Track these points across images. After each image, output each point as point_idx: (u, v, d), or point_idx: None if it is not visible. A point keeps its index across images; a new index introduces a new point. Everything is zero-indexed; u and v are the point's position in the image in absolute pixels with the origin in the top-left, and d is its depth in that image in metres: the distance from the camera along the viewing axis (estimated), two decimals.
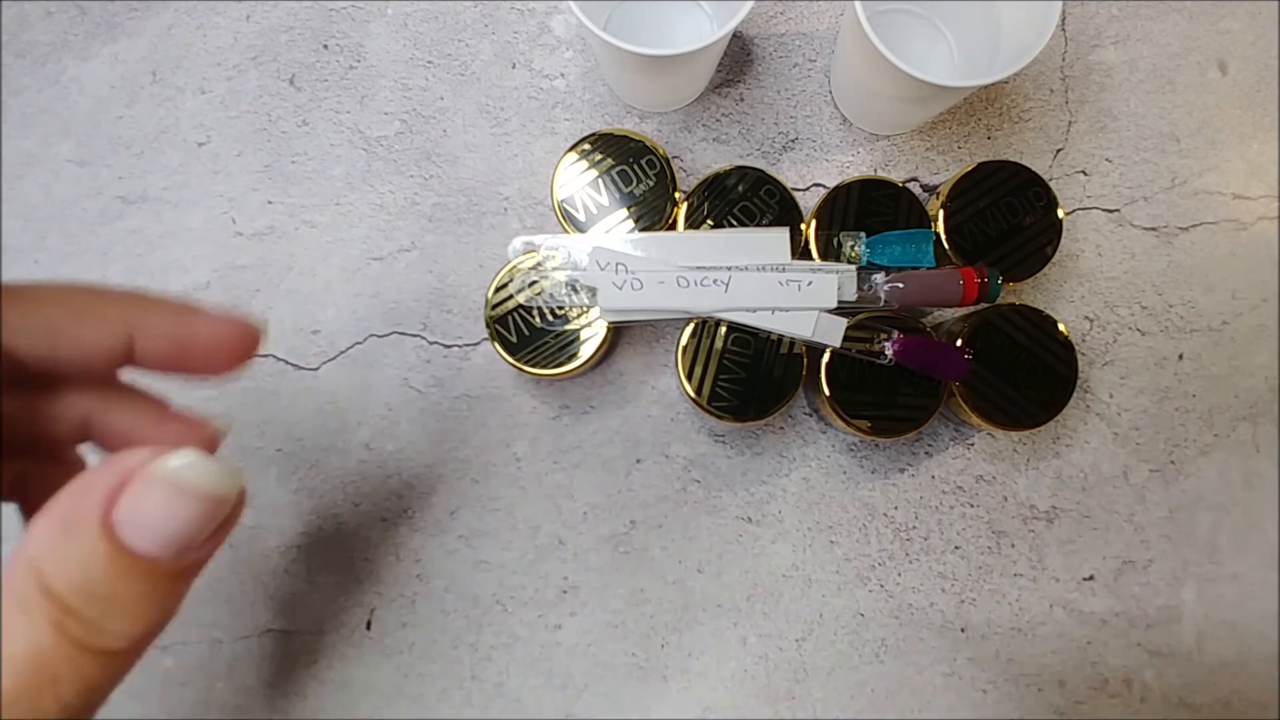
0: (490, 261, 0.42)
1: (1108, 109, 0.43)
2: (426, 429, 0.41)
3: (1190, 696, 0.40)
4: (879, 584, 0.40)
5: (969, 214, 0.38)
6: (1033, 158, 0.43)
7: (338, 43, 0.44)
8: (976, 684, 0.40)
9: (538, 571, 0.40)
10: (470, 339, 0.41)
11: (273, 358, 0.41)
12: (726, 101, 0.43)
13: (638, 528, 0.40)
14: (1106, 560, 0.41)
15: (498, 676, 0.40)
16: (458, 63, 0.43)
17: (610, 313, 0.37)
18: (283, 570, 0.40)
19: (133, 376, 0.24)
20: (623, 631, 0.40)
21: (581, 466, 0.41)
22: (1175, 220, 0.43)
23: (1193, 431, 0.42)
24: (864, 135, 0.43)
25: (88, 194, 0.43)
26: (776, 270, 0.36)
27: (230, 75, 0.43)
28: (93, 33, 0.44)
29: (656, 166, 0.38)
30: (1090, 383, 0.42)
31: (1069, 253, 0.42)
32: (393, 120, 0.43)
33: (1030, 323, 0.37)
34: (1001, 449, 0.41)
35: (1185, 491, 0.41)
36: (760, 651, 0.40)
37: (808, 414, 0.41)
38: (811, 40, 0.43)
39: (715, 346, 0.37)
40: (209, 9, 0.44)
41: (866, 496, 0.41)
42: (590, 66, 0.43)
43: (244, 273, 0.42)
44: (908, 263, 0.37)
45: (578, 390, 0.41)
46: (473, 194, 0.42)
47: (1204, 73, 0.44)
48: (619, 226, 0.38)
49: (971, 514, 0.41)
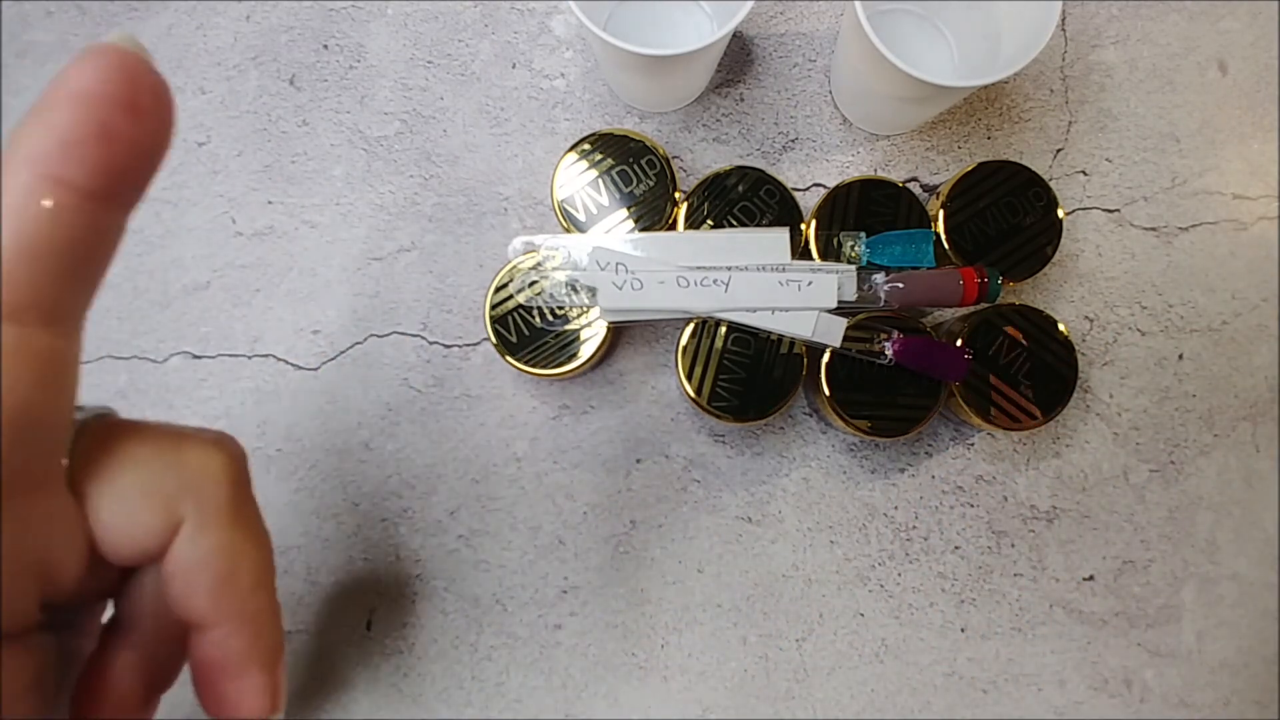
0: (490, 261, 0.42)
1: (1108, 109, 0.43)
2: (426, 429, 0.41)
3: (1190, 696, 0.40)
4: (879, 584, 0.40)
5: (969, 214, 0.38)
6: (1033, 158, 0.43)
7: (338, 43, 0.44)
8: (976, 684, 0.40)
9: (538, 571, 0.40)
10: (470, 339, 0.41)
11: (273, 358, 0.41)
12: (726, 101, 0.43)
13: (638, 528, 0.40)
14: (1106, 560, 0.41)
15: (498, 676, 0.40)
16: (458, 63, 0.43)
17: (610, 313, 0.37)
18: (282, 570, 0.40)
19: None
20: (623, 631, 0.40)
21: (581, 466, 0.41)
22: (1175, 220, 0.43)
23: (1193, 431, 0.42)
24: (864, 135, 0.43)
25: None
26: (776, 270, 0.36)
27: (230, 75, 0.43)
28: (93, 33, 0.44)
29: (656, 166, 0.38)
30: (1090, 383, 0.42)
31: (1069, 253, 0.42)
32: (393, 120, 0.43)
33: (1030, 323, 0.37)
34: (1001, 449, 0.41)
35: (1185, 491, 0.41)
36: (760, 651, 0.40)
37: (808, 414, 0.41)
38: (811, 40, 0.43)
39: (715, 346, 0.37)
40: (209, 9, 0.44)
41: (866, 496, 0.41)
42: (590, 66, 0.43)
43: (244, 273, 0.42)
44: (908, 263, 0.37)
45: (578, 390, 0.41)
46: (473, 194, 0.42)
47: (1204, 73, 0.44)
48: (619, 226, 0.38)
49: (971, 514, 0.41)
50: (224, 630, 0.20)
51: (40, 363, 0.16)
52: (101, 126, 0.15)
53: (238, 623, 0.20)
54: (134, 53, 0.16)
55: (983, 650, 0.40)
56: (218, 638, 0.20)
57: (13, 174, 0.15)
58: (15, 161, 0.15)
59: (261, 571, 0.20)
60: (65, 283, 0.16)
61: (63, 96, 0.15)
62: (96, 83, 0.15)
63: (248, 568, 0.20)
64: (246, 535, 0.20)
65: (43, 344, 0.16)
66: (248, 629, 0.20)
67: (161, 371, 0.41)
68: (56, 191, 0.15)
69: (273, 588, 0.21)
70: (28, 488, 0.16)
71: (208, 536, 0.19)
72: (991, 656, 0.40)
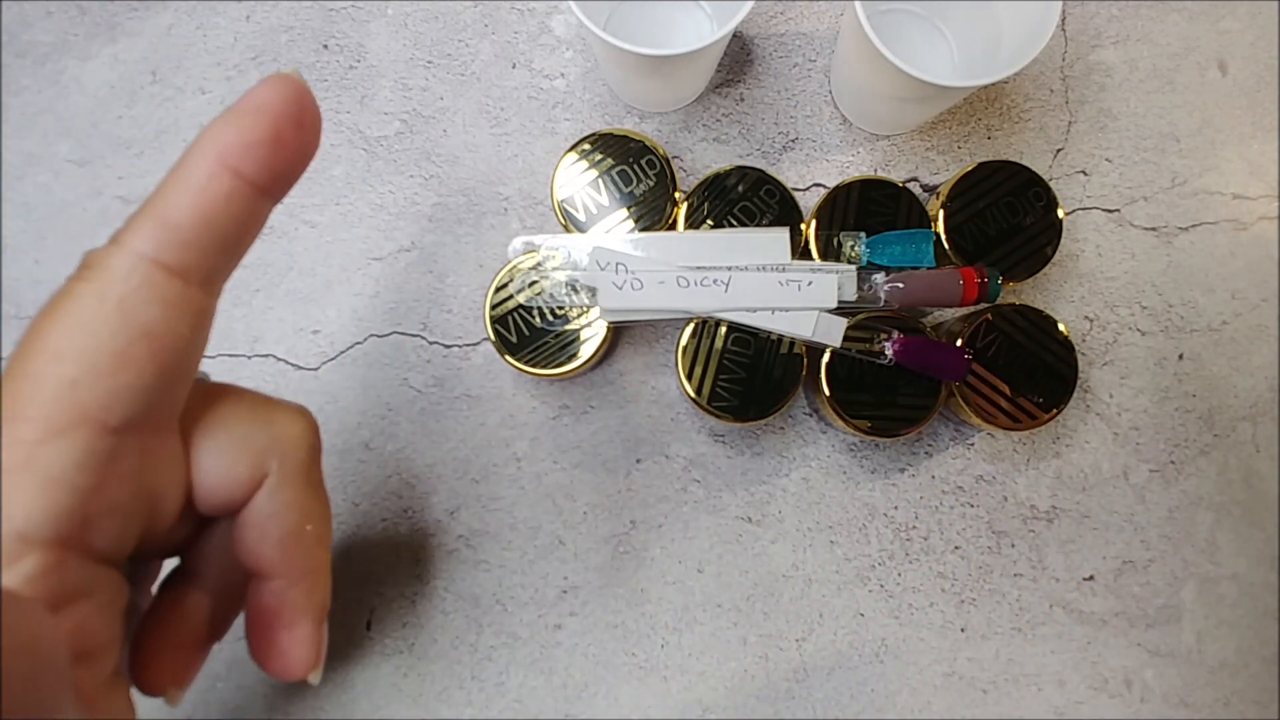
0: (490, 261, 0.42)
1: (1108, 109, 0.43)
2: (426, 429, 0.41)
3: (1190, 696, 0.40)
4: (879, 584, 0.40)
5: (969, 214, 0.38)
6: (1033, 158, 0.43)
7: (338, 43, 0.44)
8: (976, 684, 0.40)
9: (538, 571, 0.40)
10: (470, 339, 0.41)
11: (273, 358, 0.41)
12: (726, 101, 0.43)
13: (638, 528, 0.40)
14: (1106, 560, 0.41)
15: (498, 676, 0.40)
16: (458, 63, 0.43)
17: (610, 313, 0.37)
18: None
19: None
20: (623, 631, 0.40)
21: (581, 466, 0.41)
22: (1175, 220, 0.43)
23: (1193, 431, 0.42)
24: (864, 135, 0.43)
25: (88, 194, 0.43)
26: (776, 270, 0.36)
27: (230, 75, 0.43)
28: (93, 33, 0.44)
29: (656, 166, 0.38)
30: (1090, 383, 0.42)
31: (1069, 253, 0.42)
32: (393, 120, 0.43)
33: (1030, 323, 0.37)
34: (1001, 449, 0.41)
35: (1185, 491, 0.41)
36: (760, 651, 0.40)
37: (808, 414, 0.41)
38: (811, 40, 0.43)
39: (715, 346, 0.37)
40: (209, 9, 0.44)
41: (866, 496, 0.41)
42: (590, 66, 0.43)
43: (244, 273, 0.42)
44: (908, 263, 0.37)
45: (578, 390, 0.41)
46: (473, 194, 0.42)
47: (1204, 73, 0.44)
48: (619, 226, 0.38)
49: (971, 514, 0.41)
50: (285, 581, 0.22)
51: (195, 316, 0.19)
52: (276, 134, 0.19)
53: (298, 575, 0.22)
54: (303, 83, 0.20)
55: (983, 650, 0.40)
56: (278, 588, 0.22)
57: (201, 160, 0.19)
58: (205, 151, 0.19)
59: (324, 530, 0.23)
60: (223, 254, 0.19)
61: (250, 107, 0.19)
62: (278, 101, 0.19)
63: (315, 525, 0.22)
64: (316, 495, 0.22)
65: (199, 301, 0.19)
66: (305, 582, 0.22)
67: None
68: (233, 180, 0.19)
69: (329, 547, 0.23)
70: (159, 426, 0.19)
71: (285, 492, 0.21)
72: (991, 656, 0.40)
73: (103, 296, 0.18)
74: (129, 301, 0.18)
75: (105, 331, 0.17)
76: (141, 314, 0.18)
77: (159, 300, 0.18)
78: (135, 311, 0.18)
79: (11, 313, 0.42)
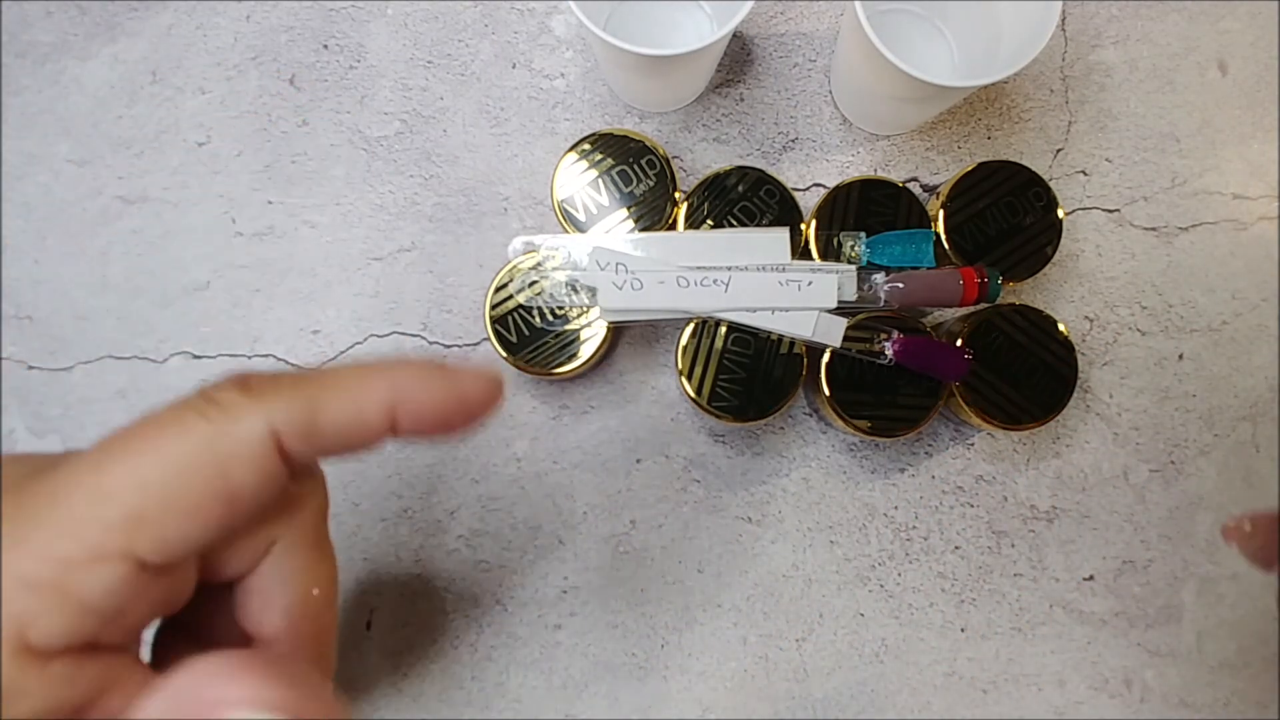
0: (490, 261, 0.42)
1: (1108, 109, 0.43)
2: None
3: (1190, 696, 0.40)
4: (879, 584, 0.40)
5: (969, 214, 0.38)
6: (1033, 158, 0.43)
7: (338, 43, 0.44)
8: (976, 684, 0.40)
9: (538, 571, 0.40)
10: (470, 339, 0.41)
11: (273, 358, 0.41)
12: (726, 101, 0.43)
13: (638, 528, 0.40)
14: (1106, 560, 0.41)
15: (498, 676, 0.40)
16: (458, 63, 0.43)
17: (610, 313, 0.37)
18: None
19: None
20: (623, 631, 0.40)
21: (581, 466, 0.41)
22: (1175, 220, 0.43)
23: (1193, 431, 0.42)
24: (864, 135, 0.43)
25: (88, 194, 0.43)
26: (776, 270, 0.36)
27: (230, 75, 0.43)
28: (93, 33, 0.44)
29: (656, 166, 0.38)
30: (1090, 383, 0.42)
31: (1069, 253, 0.42)
32: (393, 120, 0.43)
33: (1030, 323, 0.37)
34: (1001, 449, 0.41)
35: (1185, 491, 0.41)
36: (760, 651, 0.40)
37: (808, 414, 0.41)
38: (811, 40, 0.43)
39: (715, 346, 0.37)
40: (209, 9, 0.44)
41: (866, 496, 0.41)
42: (590, 66, 0.43)
43: (244, 273, 0.42)
44: (908, 263, 0.37)
45: (578, 390, 0.41)
46: (473, 194, 0.42)
47: (1204, 73, 0.44)
48: (619, 226, 0.38)
49: (971, 514, 0.41)
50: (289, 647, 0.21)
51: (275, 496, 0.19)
52: (448, 421, 0.20)
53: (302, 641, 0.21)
54: (503, 395, 0.21)
55: (983, 650, 0.40)
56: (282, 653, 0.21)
57: (377, 391, 0.19)
58: (386, 386, 0.19)
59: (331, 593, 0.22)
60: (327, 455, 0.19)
61: (453, 387, 0.20)
62: (476, 399, 0.20)
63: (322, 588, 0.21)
64: (324, 558, 0.22)
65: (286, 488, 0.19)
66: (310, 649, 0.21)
67: (161, 372, 0.41)
68: (385, 427, 0.19)
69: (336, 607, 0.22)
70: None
71: (293, 559, 0.20)
72: (991, 656, 0.40)
73: (213, 444, 0.17)
74: (234, 461, 0.17)
75: (197, 479, 0.17)
76: (237, 478, 0.17)
77: (260, 472, 0.18)
78: (234, 474, 0.17)
79: (11, 313, 0.42)
